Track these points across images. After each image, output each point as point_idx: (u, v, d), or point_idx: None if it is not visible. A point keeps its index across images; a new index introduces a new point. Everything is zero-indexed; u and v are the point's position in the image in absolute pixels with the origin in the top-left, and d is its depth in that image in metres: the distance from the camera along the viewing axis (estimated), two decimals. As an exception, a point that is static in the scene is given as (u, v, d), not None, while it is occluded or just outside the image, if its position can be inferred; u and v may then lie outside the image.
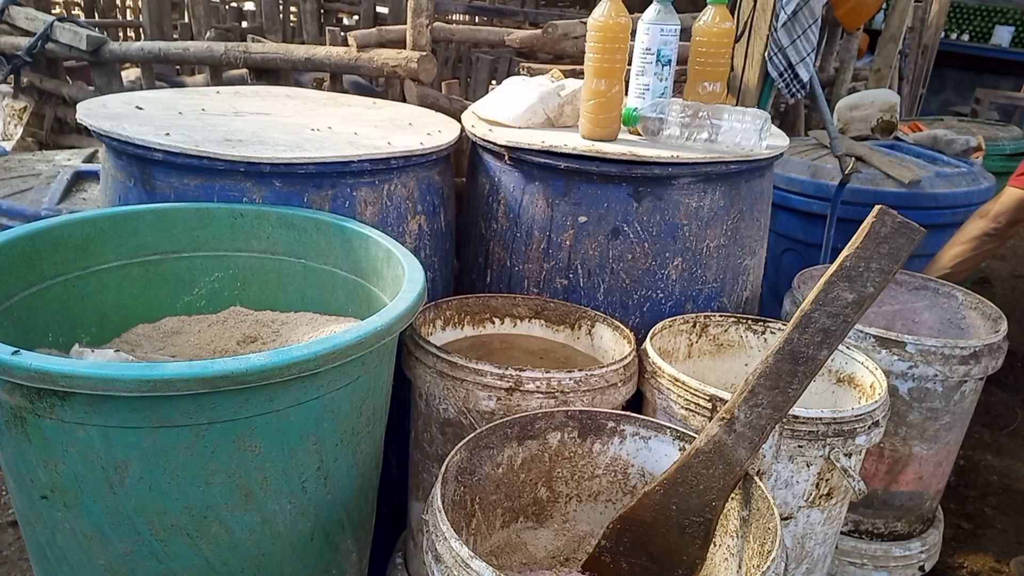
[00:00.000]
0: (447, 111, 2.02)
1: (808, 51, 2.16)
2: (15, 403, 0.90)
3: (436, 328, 1.55)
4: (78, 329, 1.29)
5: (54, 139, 3.54)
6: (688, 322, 1.58)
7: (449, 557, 0.88)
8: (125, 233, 1.32)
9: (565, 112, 1.69)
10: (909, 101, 4.76)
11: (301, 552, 1.11)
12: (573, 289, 1.60)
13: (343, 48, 2.39)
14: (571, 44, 2.38)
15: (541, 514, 1.26)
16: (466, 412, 1.29)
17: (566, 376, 1.27)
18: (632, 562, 1.14)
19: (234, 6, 6.53)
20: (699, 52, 1.67)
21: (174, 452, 0.93)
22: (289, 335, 1.34)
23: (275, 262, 1.41)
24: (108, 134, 1.35)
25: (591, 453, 1.23)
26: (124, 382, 0.84)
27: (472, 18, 5.91)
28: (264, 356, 0.90)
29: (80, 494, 0.95)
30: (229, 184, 1.35)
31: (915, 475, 1.77)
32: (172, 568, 1.02)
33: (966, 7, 8.28)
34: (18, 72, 3.40)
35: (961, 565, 2.08)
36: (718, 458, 1.03)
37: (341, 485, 1.13)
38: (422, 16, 2.17)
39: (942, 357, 1.60)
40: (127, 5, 6.54)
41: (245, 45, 2.63)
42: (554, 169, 1.53)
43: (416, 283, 1.15)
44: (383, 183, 1.44)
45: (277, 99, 1.84)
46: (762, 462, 1.27)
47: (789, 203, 2.44)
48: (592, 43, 1.52)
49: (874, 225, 0.98)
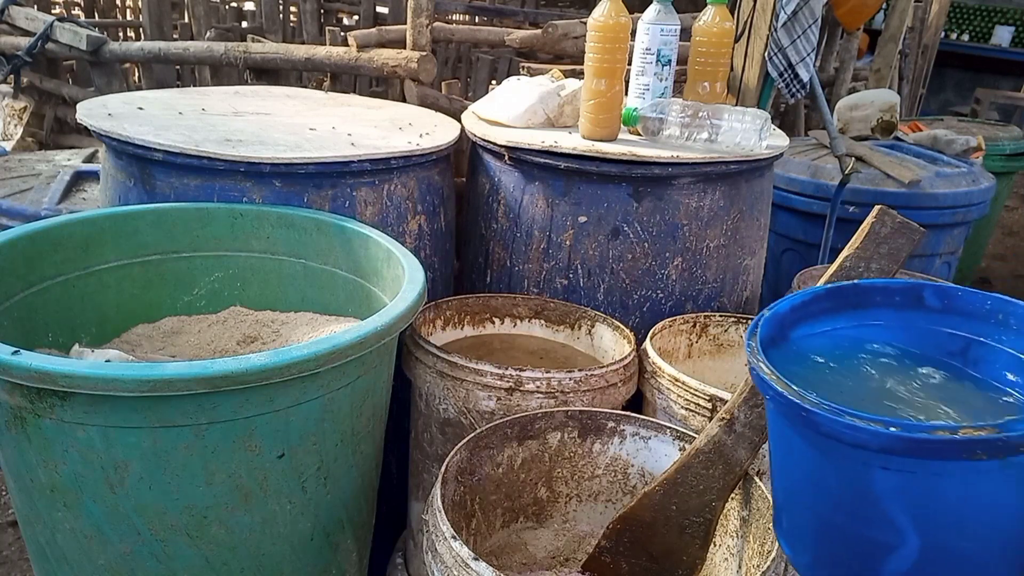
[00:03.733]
0: (447, 111, 2.02)
1: (808, 51, 2.16)
2: (15, 403, 0.90)
3: (436, 328, 1.55)
4: (78, 329, 1.29)
5: (54, 139, 3.54)
6: (688, 322, 1.58)
7: (449, 557, 0.88)
8: (125, 233, 1.32)
9: (565, 112, 1.69)
10: (909, 101, 4.76)
11: (301, 552, 1.11)
12: (573, 289, 1.60)
13: (343, 48, 2.39)
14: (571, 44, 2.39)
15: (541, 514, 1.26)
16: (466, 412, 1.29)
17: (566, 376, 1.27)
18: (632, 562, 1.14)
19: (234, 6, 6.53)
20: (699, 52, 1.67)
21: (174, 452, 0.93)
22: (289, 335, 1.34)
23: (275, 262, 1.41)
24: (108, 134, 1.35)
25: (591, 453, 1.23)
26: (124, 382, 0.84)
27: (472, 18, 5.91)
28: (264, 356, 0.90)
29: (80, 494, 0.95)
30: (229, 184, 1.35)
31: (915, 475, 1.77)
32: (172, 568, 1.02)
33: (966, 7, 8.28)
34: (18, 72, 3.40)
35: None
36: (718, 458, 1.03)
37: (341, 485, 1.13)
38: (422, 16, 2.17)
39: (942, 357, 1.60)
40: (127, 5, 6.54)
41: (245, 45, 2.63)
42: (554, 169, 1.53)
43: (416, 283, 1.15)
44: (383, 183, 1.44)
45: (277, 99, 1.84)
46: (762, 462, 1.27)
47: (789, 203, 2.44)
48: (592, 43, 1.52)
49: (874, 225, 0.98)
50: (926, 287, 0.77)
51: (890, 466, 0.61)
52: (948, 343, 0.73)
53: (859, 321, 0.80)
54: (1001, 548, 0.64)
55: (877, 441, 0.58)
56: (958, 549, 0.64)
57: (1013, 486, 0.60)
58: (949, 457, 0.57)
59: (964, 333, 0.73)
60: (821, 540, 0.73)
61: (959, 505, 0.61)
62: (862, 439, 0.59)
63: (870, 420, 0.59)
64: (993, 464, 0.58)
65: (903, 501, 0.62)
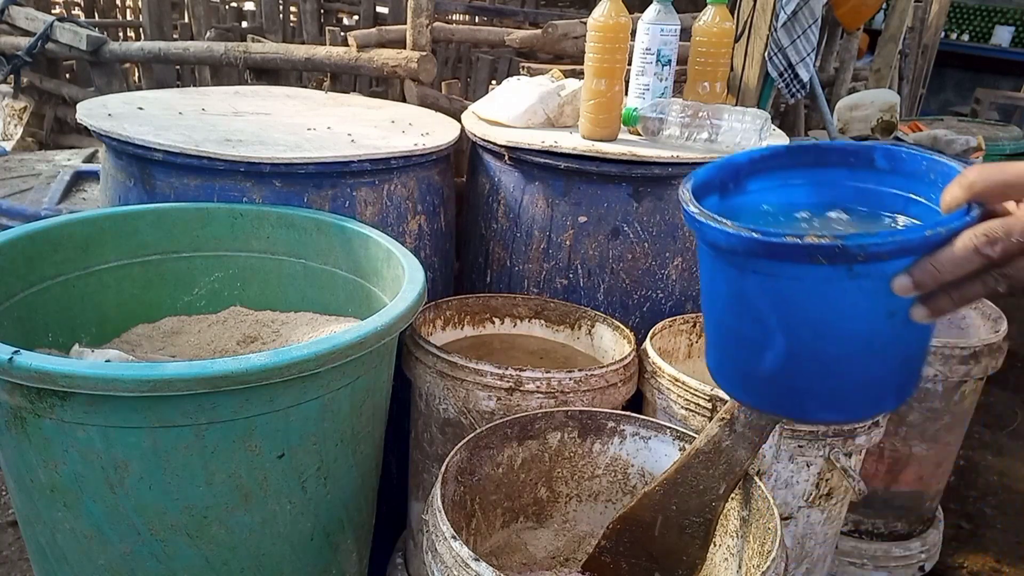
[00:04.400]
0: (447, 111, 2.02)
1: (808, 51, 2.16)
2: (15, 403, 0.90)
3: (436, 328, 1.55)
4: (78, 329, 1.29)
5: (54, 139, 3.55)
6: (688, 322, 1.58)
7: (449, 557, 0.88)
8: (125, 233, 1.32)
9: (565, 112, 1.69)
10: (909, 101, 4.76)
11: (301, 552, 1.11)
12: (573, 289, 1.60)
13: (343, 48, 2.39)
14: (571, 44, 2.39)
15: (541, 514, 1.26)
16: (466, 412, 1.29)
17: (566, 376, 1.27)
18: (632, 562, 1.14)
19: (234, 6, 6.53)
20: (699, 52, 1.67)
21: (174, 452, 0.93)
22: (289, 335, 1.34)
23: (275, 262, 1.41)
24: (108, 134, 1.35)
25: (591, 453, 1.23)
26: (124, 382, 0.84)
27: (472, 18, 5.91)
28: (264, 356, 0.90)
29: (80, 494, 0.95)
30: (229, 184, 1.35)
31: (915, 475, 1.77)
32: (172, 568, 1.02)
33: (966, 7, 8.28)
34: (18, 72, 3.41)
35: (961, 565, 2.08)
36: (718, 458, 1.03)
37: (341, 485, 1.13)
38: (422, 16, 2.17)
39: (942, 357, 1.60)
40: (127, 5, 6.53)
41: (245, 45, 2.63)
42: (554, 169, 1.53)
43: (416, 283, 1.15)
44: (383, 183, 1.44)
45: (277, 99, 1.84)
46: (762, 462, 1.27)
47: (789, 203, 2.44)
48: (592, 43, 1.52)
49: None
50: (877, 149, 0.81)
51: (758, 269, 0.70)
52: (891, 202, 0.79)
53: (814, 179, 0.85)
54: (859, 352, 0.73)
55: (743, 244, 0.68)
56: (819, 350, 0.74)
57: (862, 296, 0.68)
58: (797, 260, 0.66)
59: (904, 192, 0.79)
60: (718, 342, 0.84)
61: (816, 309, 0.71)
62: (731, 243, 0.69)
63: (738, 227, 0.69)
64: (840, 272, 0.66)
65: (769, 302, 0.73)
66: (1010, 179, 0.65)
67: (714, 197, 0.84)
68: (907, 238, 0.65)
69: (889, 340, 0.73)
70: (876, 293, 0.68)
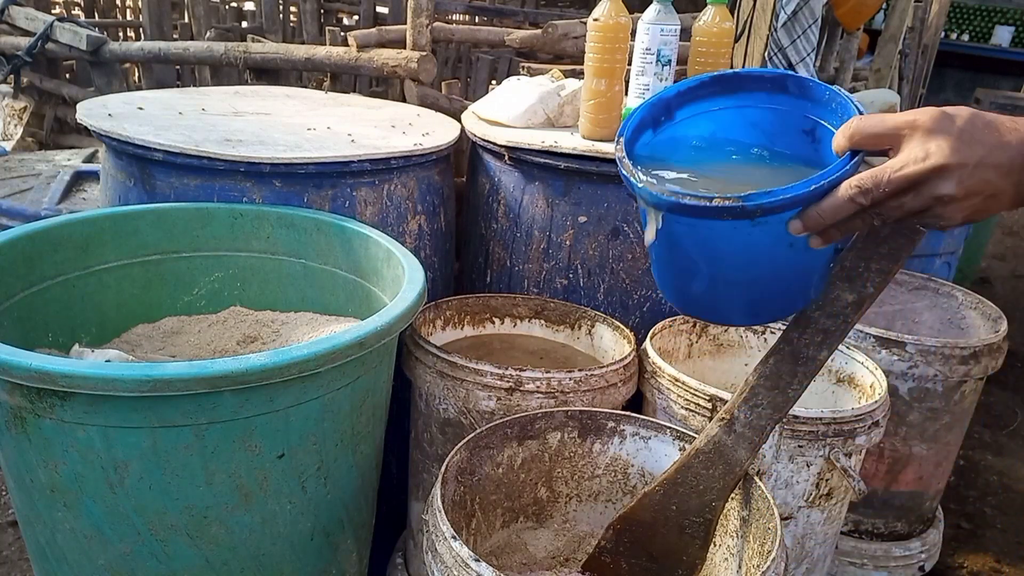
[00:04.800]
0: (447, 111, 2.02)
1: (808, 51, 2.16)
2: (15, 403, 0.90)
3: (436, 328, 1.55)
4: (78, 329, 1.30)
5: (54, 139, 3.55)
6: (688, 322, 1.58)
7: (449, 557, 0.88)
8: (125, 233, 1.32)
9: (565, 112, 1.69)
10: (909, 101, 4.76)
11: (301, 552, 1.11)
12: (573, 289, 1.60)
13: (343, 48, 2.39)
14: (571, 44, 2.39)
15: (541, 514, 1.26)
16: (466, 412, 1.29)
17: (566, 376, 1.27)
18: (632, 562, 1.14)
19: (234, 6, 6.53)
20: (699, 52, 1.66)
21: (174, 452, 0.93)
22: (289, 335, 1.34)
23: (275, 262, 1.41)
24: (108, 134, 1.35)
25: (591, 453, 1.23)
26: (124, 382, 0.84)
27: (472, 18, 5.91)
28: (264, 356, 0.90)
29: (80, 494, 0.95)
30: (229, 184, 1.35)
31: (915, 475, 1.77)
32: (172, 568, 1.02)
33: (966, 7, 8.28)
34: (18, 72, 3.41)
35: (961, 565, 2.08)
36: (718, 458, 1.03)
37: (341, 485, 1.13)
38: (422, 16, 2.17)
39: (942, 357, 1.60)
40: (127, 5, 6.53)
41: (245, 45, 2.63)
42: (554, 169, 1.53)
43: (416, 283, 1.15)
44: (383, 183, 1.44)
45: (277, 99, 1.84)
46: (762, 462, 1.27)
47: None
48: (592, 43, 1.52)
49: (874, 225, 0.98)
50: (789, 76, 0.92)
51: (680, 220, 0.84)
52: (803, 123, 0.91)
53: (738, 103, 0.96)
54: (768, 274, 0.90)
55: (666, 204, 0.81)
56: (737, 274, 0.90)
57: (765, 236, 0.82)
58: (709, 217, 0.79)
59: (814, 117, 0.90)
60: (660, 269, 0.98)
61: (730, 249, 0.85)
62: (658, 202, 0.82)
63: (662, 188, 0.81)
64: (745, 222, 0.79)
65: (693, 243, 0.88)
66: (883, 131, 0.76)
67: (648, 133, 0.95)
68: (795, 194, 0.77)
69: (792, 263, 0.88)
70: (777, 234, 0.82)
